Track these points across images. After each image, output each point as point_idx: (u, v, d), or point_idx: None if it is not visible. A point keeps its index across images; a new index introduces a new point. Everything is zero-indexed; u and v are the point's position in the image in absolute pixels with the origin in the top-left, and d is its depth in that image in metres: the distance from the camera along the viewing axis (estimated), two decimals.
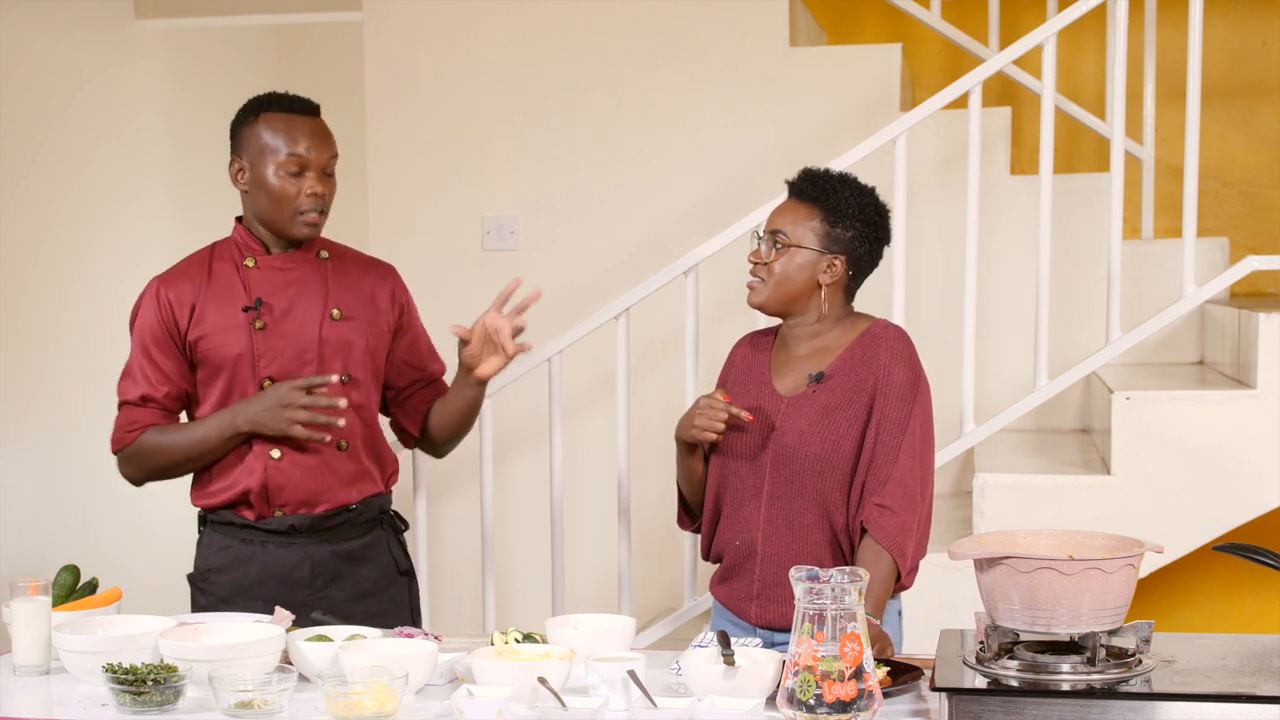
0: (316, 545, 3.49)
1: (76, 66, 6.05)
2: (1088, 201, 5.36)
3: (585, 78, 5.69)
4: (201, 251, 3.57)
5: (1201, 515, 4.44)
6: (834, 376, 3.22)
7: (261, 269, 3.50)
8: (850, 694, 2.48)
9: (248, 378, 3.45)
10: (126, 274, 6.34)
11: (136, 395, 3.51)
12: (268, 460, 3.44)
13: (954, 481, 5.39)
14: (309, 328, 3.47)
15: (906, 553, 3.13)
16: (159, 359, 3.49)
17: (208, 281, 3.49)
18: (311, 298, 3.49)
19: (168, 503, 6.47)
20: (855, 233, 3.24)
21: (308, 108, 3.50)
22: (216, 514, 3.53)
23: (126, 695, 2.71)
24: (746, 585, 3.27)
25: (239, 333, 3.45)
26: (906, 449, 3.15)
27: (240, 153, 3.50)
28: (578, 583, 5.36)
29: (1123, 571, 2.56)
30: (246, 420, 3.41)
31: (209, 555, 3.55)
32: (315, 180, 3.44)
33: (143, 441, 3.50)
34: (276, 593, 3.45)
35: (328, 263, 3.56)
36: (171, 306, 3.48)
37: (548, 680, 2.65)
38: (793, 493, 3.21)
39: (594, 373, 5.45)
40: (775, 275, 3.24)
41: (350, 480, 3.51)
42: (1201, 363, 5.46)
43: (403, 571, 3.64)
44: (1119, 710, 2.47)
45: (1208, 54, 4.90)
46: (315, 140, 3.45)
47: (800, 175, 3.31)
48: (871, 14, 6.41)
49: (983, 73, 4.70)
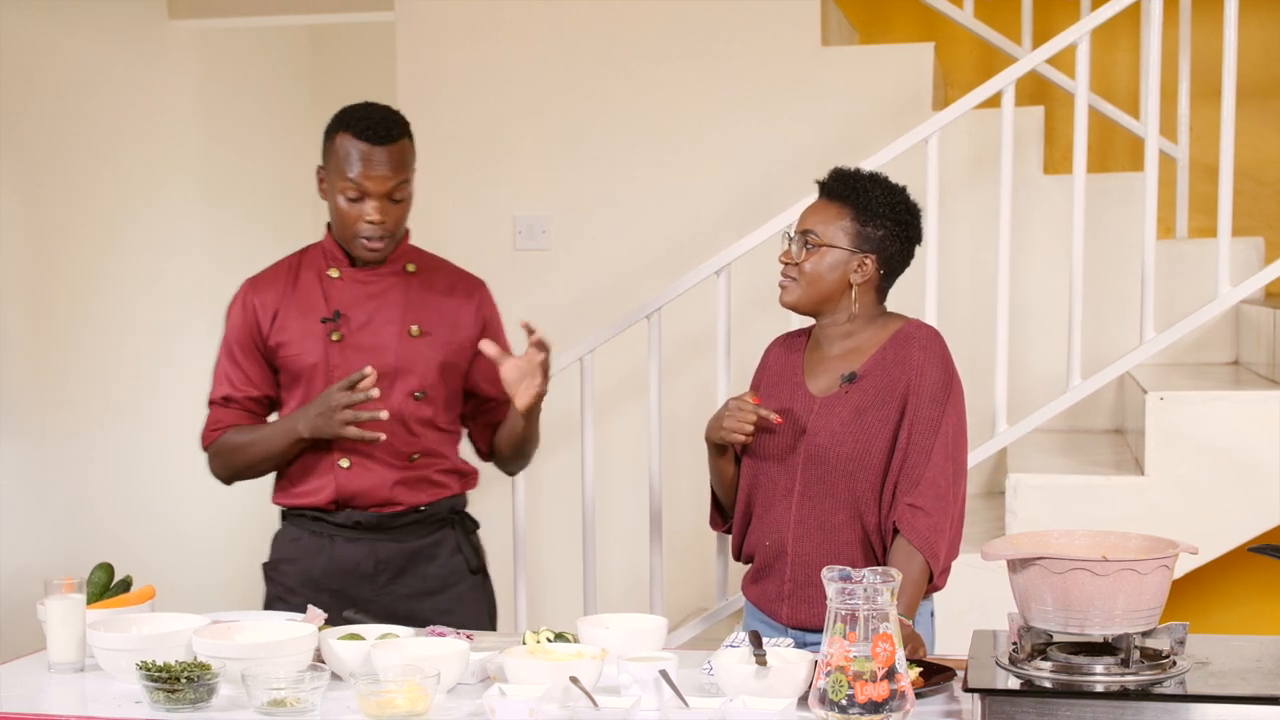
0: (383, 542, 3.52)
1: (110, 66, 6.08)
2: (1121, 201, 5.34)
3: (616, 77, 5.69)
4: (292, 256, 3.59)
5: (1236, 516, 4.42)
6: (866, 376, 3.22)
7: (344, 280, 3.51)
8: (882, 694, 2.47)
9: (322, 388, 3.47)
10: (159, 273, 6.39)
11: (221, 395, 3.58)
12: (337, 470, 3.48)
13: (987, 481, 5.37)
14: (386, 342, 3.49)
15: (939, 553, 3.12)
16: (242, 362, 3.55)
17: (292, 289, 3.52)
18: (391, 313, 3.51)
19: (201, 501, 6.52)
20: (886, 232, 3.23)
21: (380, 135, 3.41)
22: (294, 508, 3.58)
23: (160, 693, 2.72)
24: (777, 586, 3.27)
25: (316, 343, 3.48)
26: (939, 449, 3.14)
27: (325, 162, 3.49)
28: (609, 582, 5.36)
29: (1157, 572, 2.55)
30: (307, 426, 3.44)
31: (282, 546, 3.61)
32: (374, 209, 3.42)
33: (223, 441, 3.57)
34: (342, 585, 3.51)
35: (413, 277, 3.56)
36: (256, 311, 3.52)
37: (579, 680, 2.65)
38: (824, 493, 3.20)
39: (625, 372, 5.45)
40: (806, 275, 3.23)
41: (421, 485, 3.54)
42: (1236, 363, 5.44)
43: (474, 570, 3.65)
44: (1153, 712, 2.45)
45: (1243, 52, 4.87)
46: (379, 169, 3.40)
47: (831, 175, 3.30)
48: (903, 13, 6.40)
49: (1016, 72, 4.68)
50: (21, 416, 5.54)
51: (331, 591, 3.50)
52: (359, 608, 3.48)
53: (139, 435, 6.24)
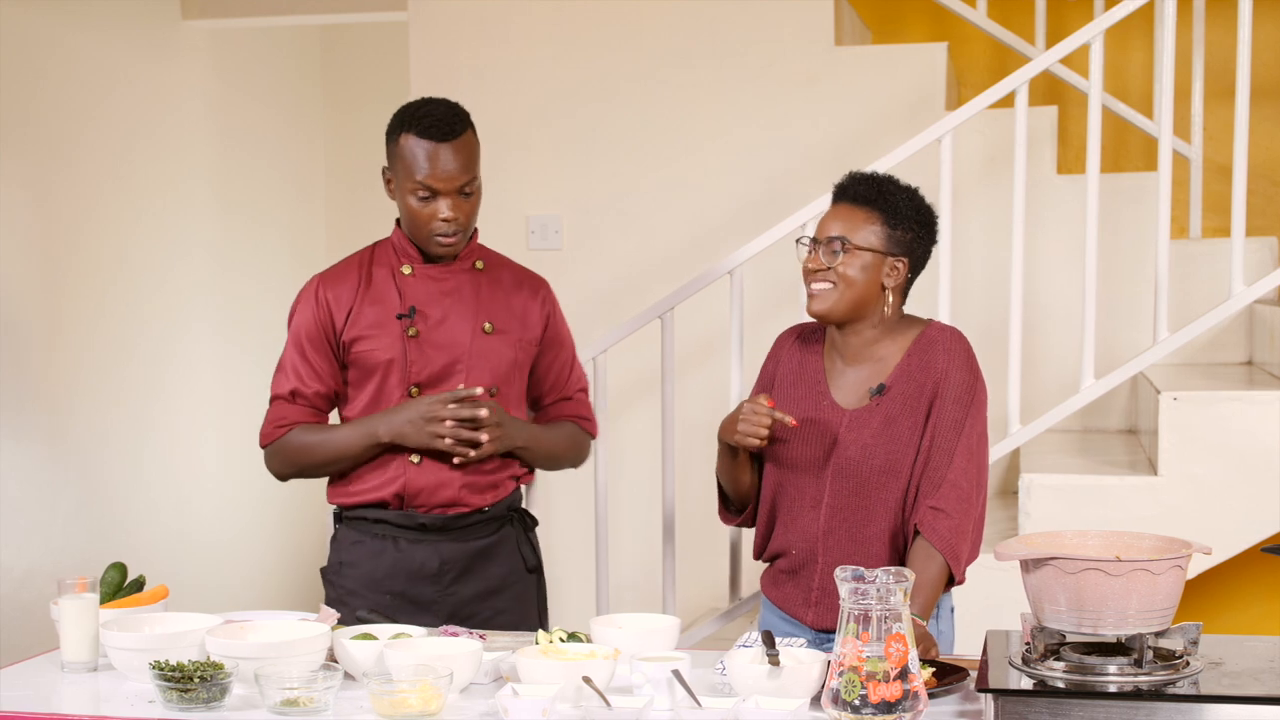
0: (447, 543, 3.51)
1: (122, 66, 6.09)
2: (1135, 201, 5.33)
3: (629, 77, 5.69)
4: (362, 252, 3.58)
5: (1250, 516, 4.41)
6: (894, 386, 3.20)
7: (417, 277, 3.50)
8: (895, 695, 2.47)
9: (396, 384, 3.46)
10: (169, 273, 6.39)
11: (287, 390, 3.52)
12: (408, 465, 3.45)
13: (1000, 481, 5.37)
14: (460, 338, 3.48)
15: (960, 556, 3.11)
16: (313, 357, 3.50)
17: (366, 285, 3.51)
18: (464, 309, 3.50)
19: (213, 501, 6.53)
20: (914, 235, 3.21)
21: (444, 132, 3.42)
22: (352, 510, 3.54)
23: (173, 692, 2.72)
24: (805, 592, 3.26)
25: (392, 338, 3.46)
26: (962, 451, 3.13)
27: (390, 164, 3.48)
28: (622, 582, 5.36)
29: (1170, 573, 2.55)
30: (389, 431, 3.42)
31: (342, 549, 3.56)
32: (448, 205, 3.42)
33: (289, 439, 3.51)
34: (405, 587, 3.48)
35: (482, 274, 3.56)
36: (329, 306, 3.49)
37: (592, 679, 2.65)
38: (855, 505, 3.19)
39: (637, 372, 5.45)
40: (844, 279, 3.18)
41: (487, 488, 3.53)
42: (1250, 363, 5.43)
43: (530, 569, 3.65)
44: (1166, 712, 2.45)
45: (1256, 52, 4.87)
46: (448, 168, 3.41)
47: (850, 180, 3.27)
48: (917, 13, 6.39)
49: (1029, 71, 4.67)
50: (33, 416, 5.56)
51: (394, 593, 3.47)
52: (421, 608, 3.47)
53: (151, 435, 6.25)
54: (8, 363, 5.41)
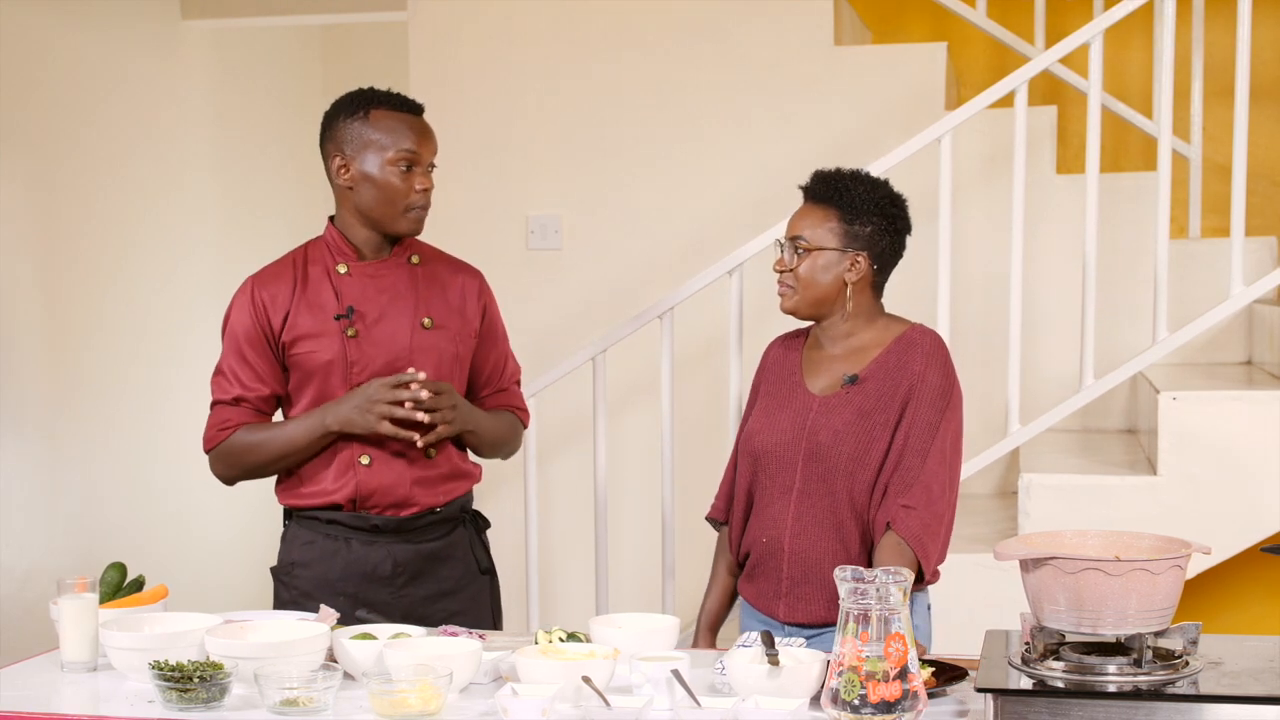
0: (400, 544, 3.49)
1: (123, 66, 6.09)
2: (1134, 200, 5.33)
3: (629, 76, 5.69)
4: (295, 251, 3.56)
5: (1249, 516, 4.41)
6: (868, 380, 3.23)
7: (354, 275, 3.49)
8: (895, 694, 2.47)
9: (339, 384, 3.45)
10: (171, 273, 6.39)
11: (230, 395, 3.50)
12: (357, 467, 3.44)
13: (999, 481, 5.37)
14: (400, 336, 3.47)
15: (930, 554, 3.14)
16: (253, 359, 3.49)
17: (303, 286, 3.49)
18: (403, 305, 3.49)
19: (213, 501, 6.52)
20: (874, 227, 3.25)
21: (415, 106, 3.53)
22: (303, 510, 3.53)
23: (173, 692, 2.72)
24: (774, 584, 3.28)
25: (331, 339, 3.45)
26: (935, 453, 3.16)
27: (341, 148, 3.46)
28: (621, 582, 5.36)
29: (1170, 572, 2.55)
30: (336, 419, 3.40)
31: (293, 549, 3.55)
32: (424, 176, 3.46)
33: (234, 440, 3.49)
34: (359, 589, 3.47)
35: (418, 268, 3.55)
36: (266, 308, 3.47)
37: (592, 679, 2.66)
38: (824, 490, 3.21)
39: (638, 372, 5.45)
40: (801, 280, 3.26)
41: (438, 484, 3.52)
42: (1249, 363, 5.43)
43: (483, 570, 3.64)
44: (1166, 712, 2.45)
45: (1256, 52, 4.87)
46: (424, 137, 3.48)
47: (812, 178, 3.33)
48: (916, 13, 6.39)
49: (1029, 71, 4.67)
50: (34, 416, 5.55)
51: (347, 595, 3.46)
52: (376, 610, 3.46)
53: (151, 434, 6.25)
54: (8, 363, 5.41)
